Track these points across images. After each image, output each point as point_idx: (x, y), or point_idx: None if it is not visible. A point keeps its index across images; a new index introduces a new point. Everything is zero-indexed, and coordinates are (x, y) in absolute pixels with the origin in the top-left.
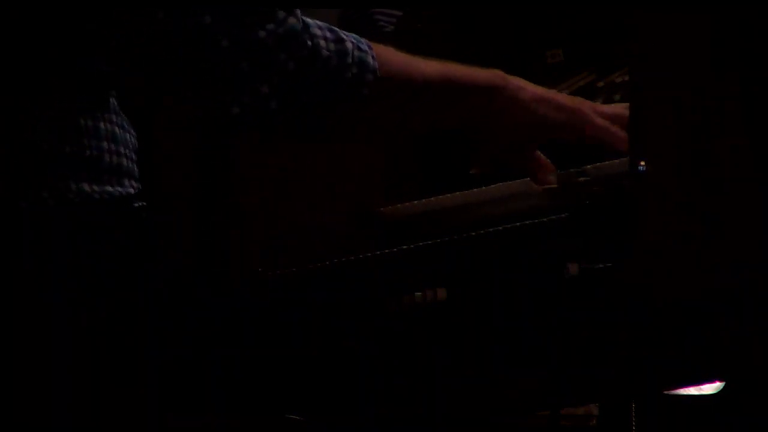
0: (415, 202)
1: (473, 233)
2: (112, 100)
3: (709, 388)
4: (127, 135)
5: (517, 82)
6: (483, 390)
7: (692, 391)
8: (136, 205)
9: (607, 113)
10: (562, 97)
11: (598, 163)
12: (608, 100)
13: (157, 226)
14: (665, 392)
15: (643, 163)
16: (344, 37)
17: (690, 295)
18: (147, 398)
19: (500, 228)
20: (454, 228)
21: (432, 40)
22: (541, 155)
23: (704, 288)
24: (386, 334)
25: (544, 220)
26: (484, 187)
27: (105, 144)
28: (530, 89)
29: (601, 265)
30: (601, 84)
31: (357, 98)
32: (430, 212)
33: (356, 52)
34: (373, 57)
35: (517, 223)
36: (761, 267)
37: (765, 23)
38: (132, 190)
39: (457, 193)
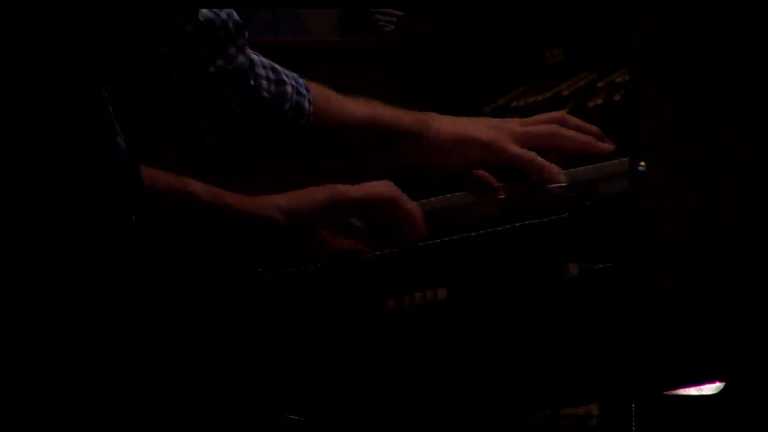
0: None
1: (473, 233)
2: (102, 98)
3: (709, 388)
4: (116, 135)
5: (437, 124)
6: (483, 390)
7: (692, 391)
8: (124, 204)
9: (530, 133)
10: (480, 130)
11: (599, 163)
12: (608, 100)
13: (155, 227)
14: (665, 392)
15: (643, 163)
16: (285, 79)
17: (689, 295)
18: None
19: (500, 228)
20: (454, 228)
21: (432, 41)
22: (479, 171)
23: (704, 288)
24: (386, 334)
25: (544, 220)
26: None
27: (95, 144)
28: (448, 131)
29: (601, 265)
30: (601, 84)
31: (289, 141)
32: (430, 212)
33: (295, 97)
34: (309, 101)
35: (517, 223)
36: (761, 267)
37: (765, 23)
38: (120, 190)
39: (457, 193)
